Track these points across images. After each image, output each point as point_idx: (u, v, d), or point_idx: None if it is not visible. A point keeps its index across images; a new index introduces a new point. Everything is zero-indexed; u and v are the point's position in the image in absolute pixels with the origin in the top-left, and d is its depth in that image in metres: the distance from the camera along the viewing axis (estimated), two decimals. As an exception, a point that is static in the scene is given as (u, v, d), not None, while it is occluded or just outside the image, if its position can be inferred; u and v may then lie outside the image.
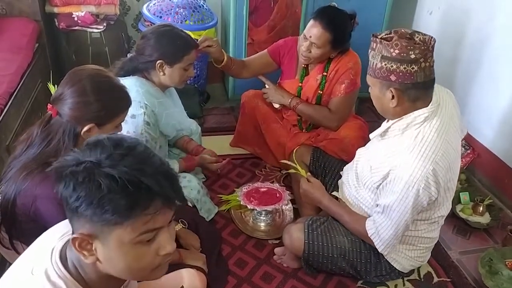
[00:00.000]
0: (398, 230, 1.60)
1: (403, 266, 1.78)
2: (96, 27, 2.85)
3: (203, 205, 2.04)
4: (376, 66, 1.50)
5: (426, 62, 1.44)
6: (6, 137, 2.01)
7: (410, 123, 1.52)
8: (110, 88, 1.37)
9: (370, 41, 1.53)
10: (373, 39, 1.51)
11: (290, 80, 2.35)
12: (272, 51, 2.35)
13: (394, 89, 1.48)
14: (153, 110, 1.84)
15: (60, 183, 0.83)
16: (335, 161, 2.14)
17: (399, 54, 1.43)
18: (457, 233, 2.17)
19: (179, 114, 2.09)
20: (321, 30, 2.06)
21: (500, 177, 2.43)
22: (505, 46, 2.34)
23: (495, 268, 1.91)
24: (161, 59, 1.81)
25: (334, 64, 2.22)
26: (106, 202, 0.79)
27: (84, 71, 1.35)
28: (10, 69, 2.25)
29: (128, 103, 1.42)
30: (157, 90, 1.90)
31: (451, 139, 1.53)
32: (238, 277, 1.87)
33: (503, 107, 2.39)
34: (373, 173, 1.63)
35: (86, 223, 0.83)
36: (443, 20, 2.82)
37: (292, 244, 1.80)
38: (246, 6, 2.74)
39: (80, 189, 0.80)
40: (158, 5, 2.82)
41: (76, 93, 1.30)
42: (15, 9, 2.71)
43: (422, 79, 1.45)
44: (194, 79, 3.02)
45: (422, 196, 1.50)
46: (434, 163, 1.47)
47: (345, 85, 2.20)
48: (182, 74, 1.88)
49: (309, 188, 1.85)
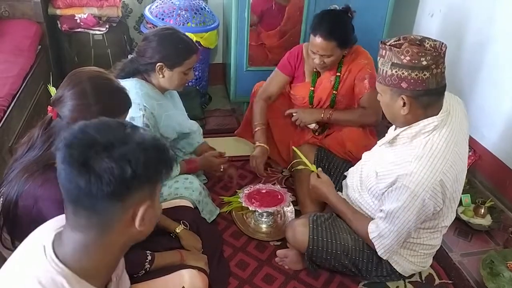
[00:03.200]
0: (400, 237, 1.59)
1: (404, 270, 1.78)
2: (98, 29, 2.86)
3: (205, 206, 2.05)
4: (386, 73, 1.48)
5: (437, 69, 1.42)
6: (8, 139, 2.02)
7: (419, 132, 1.51)
8: (110, 90, 1.38)
9: (379, 47, 1.50)
10: (382, 46, 1.49)
11: (301, 83, 2.36)
12: (285, 68, 2.34)
13: (406, 96, 1.46)
14: (152, 112, 1.84)
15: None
16: (339, 161, 2.13)
17: (410, 61, 1.41)
18: (458, 235, 2.17)
19: (180, 116, 2.09)
20: (325, 42, 2.05)
21: (502, 179, 2.43)
22: (506, 49, 2.34)
23: (497, 270, 1.91)
24: (161, 61, 1.82)
25: (347, 65, 2.22)
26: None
27: (84, 73, 1.35)
28: (13, 71, 2.26)
29: (128, 105, 1.42)
30: (156, 92, 1.90)
31: (459, 150, 1.52)
32: (240, 279, 1.87)
33: (504, 109, 2.39)
34: (379, 179, 1.62)
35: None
36: (444, 22, 2.82)
37: (295, 239, 1.80)
38: (248, 9, 2.75)
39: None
40: (160, 7, 2.83)
41: (76, 95, 1.30)
42: (18, 11, 2.73)
43: (434, 86, 1.44)
44: (195, 81, 3.03)
45: (427, 206, 1.49)
46: (442, 174, 1.45)
47: (368, 80, 2.19)
48: (182, 78, 1.89)
49: (318, 184, 1.85)
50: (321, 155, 2.17)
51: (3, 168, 1.51)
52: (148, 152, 0.85)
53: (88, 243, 0.88)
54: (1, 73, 2.20)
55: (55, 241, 0.91)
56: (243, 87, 2.88)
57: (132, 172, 0.82)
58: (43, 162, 1.29)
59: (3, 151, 1.93)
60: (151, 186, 0.90)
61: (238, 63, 2.94)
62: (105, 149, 0.82)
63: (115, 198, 0.84)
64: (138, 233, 0.92)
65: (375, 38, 2.93)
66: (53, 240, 0.91)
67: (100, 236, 0.88)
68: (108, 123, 0.88)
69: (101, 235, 0.88)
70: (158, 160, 0.88)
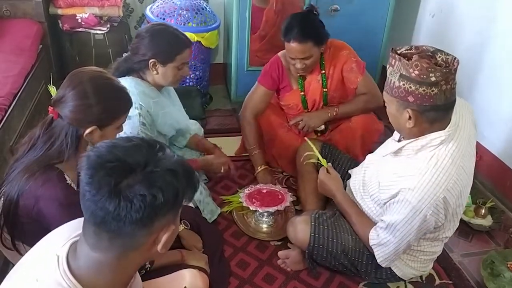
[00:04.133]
0: (400, 248, 1.58)
1: (404, 274, 1.77)
2: (99, 28, 2.86)
3: (206, 206, 2.05)
4: (394, 84, 1.43)
5: (447, 85, 1.36)
6: (9, 138, 2.02)
7: (425, 145, 1.47)
8: (111, 90, 1.38)
9: (380, 56, 1.49)
10: (392, 55, 1.43)
11: (289, 92, 2.35)
12: (267, 83, 2.33)
13: (412, 110, 1.41)
14: (148, 110, 1.83)
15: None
16: (344, 158, 2.11)
17: (418, 76, 1.35)
18: (459, 235, 2.17)
19: (177, 113, 2.07)
20: (300, 45, 2.08)
21: (502, 179, 2.43)
22: (506, 49, 2.35)
23: (497, 271, 1.90)
24: (154, 58, 1.80)
25: (329, 60, 2.24)
26: None
27: (85, 73, 1.35)
28: (14, 70, 2.26)
29: (129, 104, 1.43)
30: (152, 90, 1.88)
31: (465, 164, 1.48)
32: (240, 278, 1.87)
33: (505, 109, 2.39)
34: (381, 190, 1.60)
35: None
36: (445, 23, 2.83)
37: (296, 236, 1.80)
38: (249, 9, 2.75)
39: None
40: (161, 7, 2.84)
41: (77, 95, 1.30)
42: (19, 11, 2.73)
43: (442, 102, 1.38)
44: (196, 81, 3.03)
45: (428, 222, 1.48)
46: (445, 191, 1.43)
47: (355, 68, 2.23)
48: (176, 74, 1.86)
49: (326, 180, 1.84)
50: (325, 152, 2.15)
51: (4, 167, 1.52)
52: (179, 179, 0.84)
53: (105, 263, 0.87)
54: (2, 73, 2.20)
55: (70, 253, 0.89)
56: (244, 87, 2.88)
57: (163, 200, 0.81)
58: (44, 163, 1.29)
59: (4, 150, 1.94)
60: (176, 210, 0.89)
61: (239, 63, 2.94)
62: (136, 173, 0.80)
63: (143, 224, 0.82)
64: (157, 254, 0.91)
65: (375, 38, 2.97)
66: (68, 252, 0.89)
67: (119, 257, 0.87)
68: (137, 144, 0.86)
69: (120, 256, 0.87)
70: (187, 186, 0.87)
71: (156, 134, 1.91)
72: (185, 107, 2.20)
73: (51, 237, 0.97)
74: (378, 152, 1.78)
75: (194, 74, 3.01)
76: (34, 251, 0.96)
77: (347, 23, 2.84)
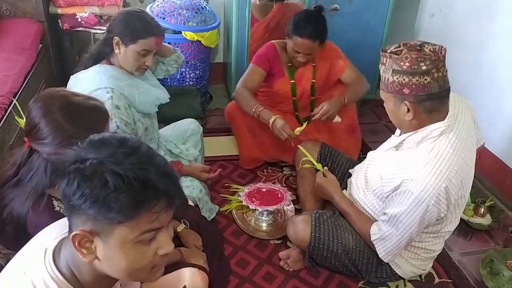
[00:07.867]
0: (402, 241, 1.59)
1: (404, 272, 1.78)
2: (99, 28, 2.86)
3: (205, 204, 2.05)
4: (388, 80, 1.48)
5: (438, 72, 1.42)
6: (10, 137, 2.02)
7: (426, 137, 1.50)
8: (82, 112, 1.29)
9: (380, 55, 1.51)
10: (382, 54, 1.49)
11: (281, 79, 2.44)
12: (263, 63, 2.39)
13: (409, 102, 1.46)
14: (122, 93, 1.77)
15: (62, 179, 0.82)
16: (343, 158, 2.11)
17: (409, 67, 1.41)
18: (458, 234, 2.17)
19: (155, 89, 1.96)
20: (311, 42, 2.23)
21: (502, 178, 2.43)
22: (506, 49, 2.35)
23: (496, 269, 1.91)
24: (118, 36, 1.76)
25: (319, 54, 2.37)
26: (112, 200, 0.78)
27: (53, 103, 1.27)
28: (14, 69, 2.26)
29: (106, 116, 1.36)
30: (123, 73, 1.82)
31: (466, 155, 1.51)
32: (240, 277, 1.88)
33: (504, 109, 2.39)
34: (384, 183, 1.62)
35: (88, 221, 0.82)
36: (445, 22, 2.83)
37: (296, 236, 1.81)
38: (249, 8, 2.75)
39: (85, 186, 0.79)
40: (161, 7, 2.84)
41: (53, 129, 1.24)
42: (19, 10, 2.73)
43: (436, 90, 1.43)
44: (196, 80, 3.03)
45: (431, 212, 1.49)
46: (447, 181, 1.45)
47: (342, 59, 2.44)
48: (137, 58, 1.79)
49: (323, 183, 1.87)
50: (324, 153, 2.16)
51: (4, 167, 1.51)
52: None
53: (82, 261, 0.87)
54: (3, 72, 2.20)
55: (57, 248, 0.91)
56: (243, 86, 2.88)
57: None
58: (36, 194, 1.26)
59: (4, 149, 1.94)
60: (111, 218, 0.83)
61: (239, 62, 2.94)
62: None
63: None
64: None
65: (375, 38, 2.97)
66: (56, 246, 0.91)
67: None
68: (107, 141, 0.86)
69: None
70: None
71: (139, 116, 1.86)
72: (185, 107, 2.20)
73: (43, 234, 0.99)
74: (379, 149, 1.79)
75: (194, 73, 3.01)
76: (26, 247, 0.97)
77: (346, 22, 2.84)
